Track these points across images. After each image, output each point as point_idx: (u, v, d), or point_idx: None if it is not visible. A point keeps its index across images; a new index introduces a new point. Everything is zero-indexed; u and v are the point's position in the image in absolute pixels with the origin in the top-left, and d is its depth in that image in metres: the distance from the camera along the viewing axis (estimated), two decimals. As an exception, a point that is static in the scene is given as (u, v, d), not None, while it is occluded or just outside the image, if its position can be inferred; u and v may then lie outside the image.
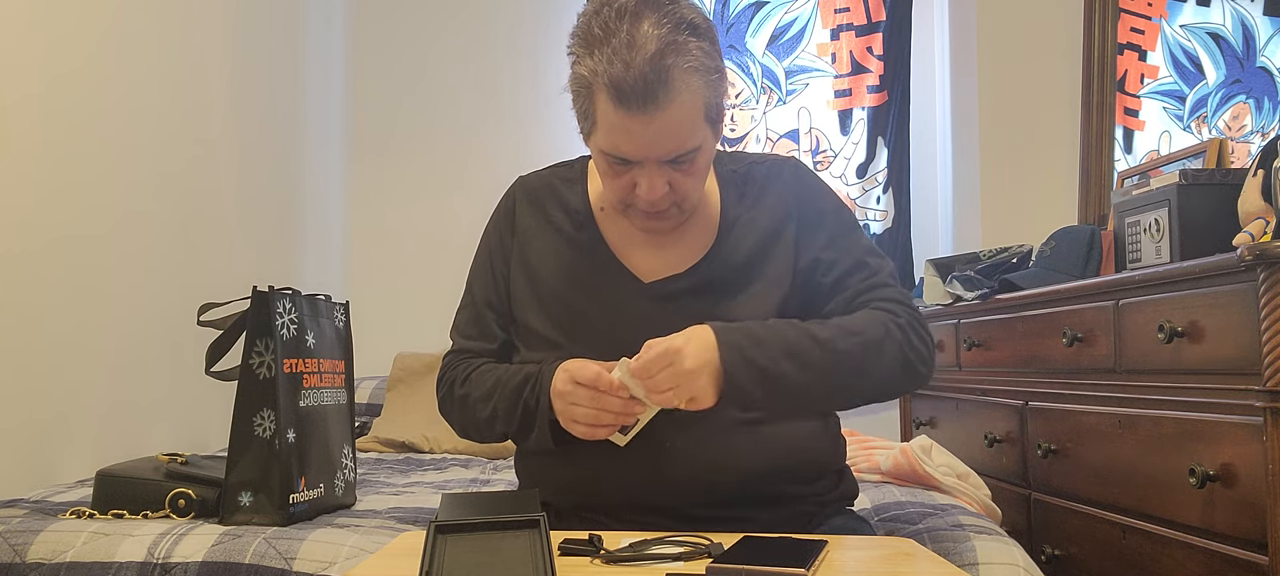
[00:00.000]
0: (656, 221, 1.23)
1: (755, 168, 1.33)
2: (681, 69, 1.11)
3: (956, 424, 2.57)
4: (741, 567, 0.89)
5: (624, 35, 1.10)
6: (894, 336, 1.20)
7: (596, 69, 1.11)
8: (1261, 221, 1.69)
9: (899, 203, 3.25)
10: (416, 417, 2.70)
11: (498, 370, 1.27)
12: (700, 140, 1.17)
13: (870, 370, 1.18)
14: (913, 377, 1.22)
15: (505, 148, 3.34)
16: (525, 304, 1.30)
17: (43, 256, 1.83)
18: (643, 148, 1.14)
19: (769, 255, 1.27)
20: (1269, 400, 1.36)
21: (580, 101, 1.17)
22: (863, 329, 1.19)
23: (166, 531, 1.30)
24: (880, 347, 1.18)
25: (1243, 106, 3.05)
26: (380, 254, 3.38)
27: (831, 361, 1.16)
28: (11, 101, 1.75)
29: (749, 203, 1.30)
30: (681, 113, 1.13)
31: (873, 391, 1.23)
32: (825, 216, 1.30)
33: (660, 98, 1.10)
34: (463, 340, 1.35)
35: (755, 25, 3.33)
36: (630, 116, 1.11)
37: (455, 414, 1.32)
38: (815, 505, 1.27)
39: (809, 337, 1.16)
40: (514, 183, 1.39)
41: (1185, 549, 1.58)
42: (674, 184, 1.19)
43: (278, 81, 2.86)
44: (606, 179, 1.21)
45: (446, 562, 0.88)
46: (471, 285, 1.37)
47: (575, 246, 1.30)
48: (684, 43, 1.11)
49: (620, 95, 1.10)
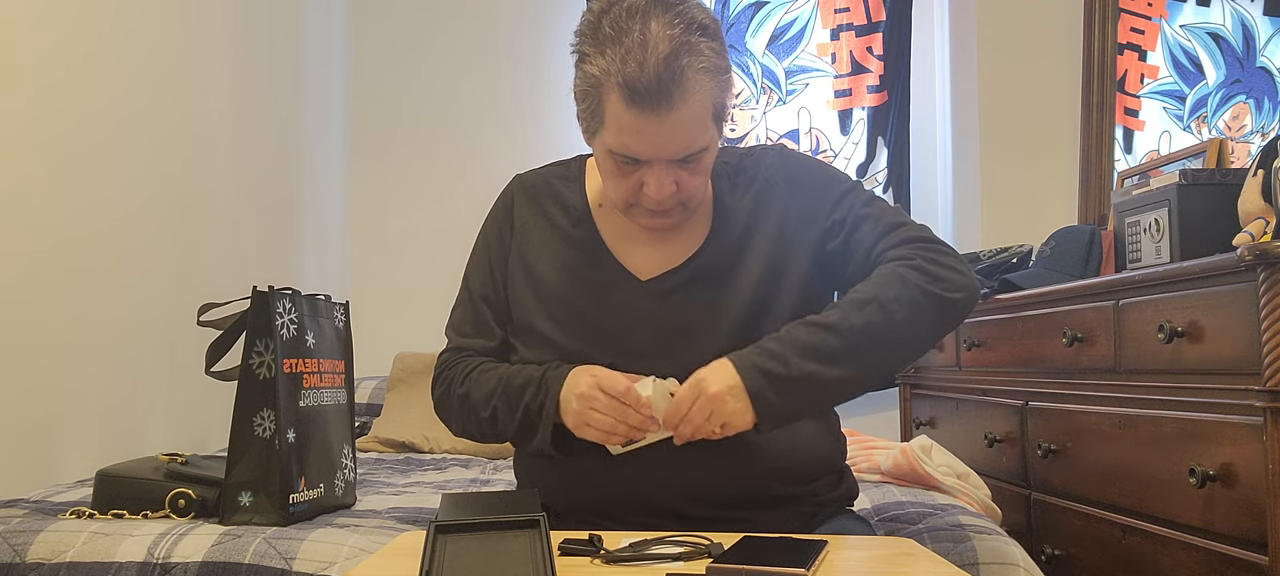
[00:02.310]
0: (661, 220, 1.23)
1: (744, 159, 1.34)
2: (695, 70, 1.11)
3: (956, 424, 2.57)
4: (741, 567, 0.89)
5: (637, 35, 1.10)
6: (911, 281, 1.16)
7: (608, 68, 1.11)
8: (1261, 221, 1.69)
9: (899, 202, 3.25)
10: (416, 417, 2.70)
11: (500, 370, 1.26)
12: (708, 140, 1.17)
13: (898, 328, 1.15)
14: (950, 310, 1.18)
15: (505, 148, 3.33)
16: (523, 300, 1.30)
17: (42, 256, 1.83)
18: (654, 148, 1.14)
19: (765, 241, 1.27)
20: (1269, 400, 1.36)
21: (588, 101, 1.16)
22: (875, 293, 1.16)
23: (166, 531, 1.30)
24: (898, 301, 1.15)
25: (1243, 106, 3.05)
26: (380, 254, 3.38)
27: (853, 340, 1.14)
28: (11, 101, 1.75)
29: (741, 193, 1.30)
30: (693, 113, 1.13)
31: (911, 344, 1.19)
32: (818, 187, 1.29)
33: (675, 98, 1.10)
34: (460, 337, 1.34)
35: (755, 25, 3.33)
36: (643, 116, 1.11)
37: (454, 413, 1.31)
38: (815, 505, 1.27)
39: (822, 329, 1.15)
40: (512, 180, 1.39)
41: (1185, 549, 1.58)
42: (681, 183, 1.19)
43: (277, 81, 2.86)
44: (613, 179, 1.21)
45: (446, 562, 0.88)
46: (469, 282, 1.36)
47: (573, 244, 1.30)
48: (696, 43, 1.12)
49: (634, 95, 1.10)
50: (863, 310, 1.15)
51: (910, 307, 1.16)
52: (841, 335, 1.14)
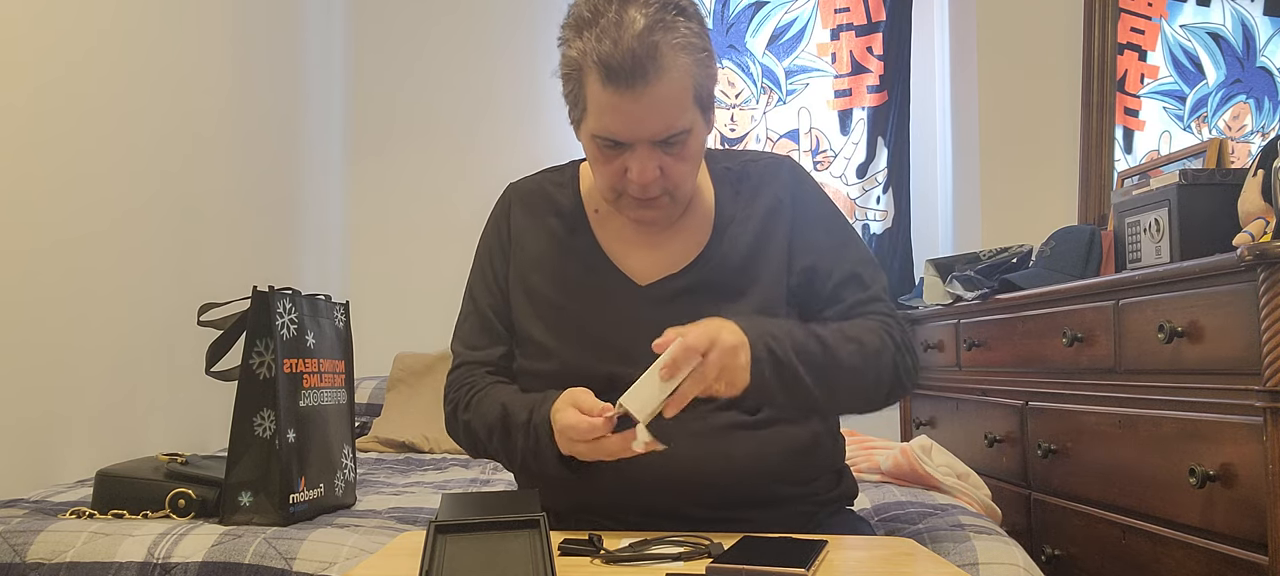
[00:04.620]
0: (648, 211, 1.22)
1: (750, 165, 1.33)
2: (670, 45, 1.12)
3: (956, 424, 2.57)
4: (741, 567, 0.89)
5: (612, 15, 1.11)
6: (888, 348, 1.21)
7: (585, 49, 1.12)
8: (1261, 221, 1.69)
9: (899, 203, 3.25)
10: (416, 418, 2.70)
11: (499, 400, 1.23)
12: (690, 122, 1.17)
13: (865, 378, 1.20)
14: (899, 390, 1.25)
15: (506, 147, 3.33)
16: (521, 310, 1.29)
17: (42, 256, 1.83)
18: (633, 127, 1.14)
19: (765, 254, 1.26)
20: (1269, 400, 1.36)
21: (570, 85, 1.18)
22: (861, 337, 1.20)
23: (166, 531, 1.30)
24: (877, 357, 1.20)
25: (1243, 106, 3.06)
26: (380, 254, 3.38)
27: (832, 365, 1.16)
28: (11, 100, 1.75)
29: (744, 200, 1.30)
30: (671, 90, 1.13)
31: (863, 399, 1.25)
32: (822, 222, 1.30)
33: (650, 73, 1.11)
34: (467, 351, 1.32)
35: (755, 25, 3.33)
36: (620, 94, 1.12)
37: (463, 439, 1.30)
38: (814, 505, 1.27)
39: (814, 338, 1.16)
40: (506, 189, 1.38)
41: (1185, 549, 1.58)
42: (665, 169, 1.18)
43: (277, 80, 2.86)
44: (598, 166, 1.21)
45: (446, 562, 0.88)
46: (473, 294, 1.35)
47: (569, 250, 1.29)
48: (672, 21, 1.12)
49: (609, 73, 1.11)
50: (849, 345, 1.18)
51: (882, 371, 1.21)
52: (828, 355, 1.16)
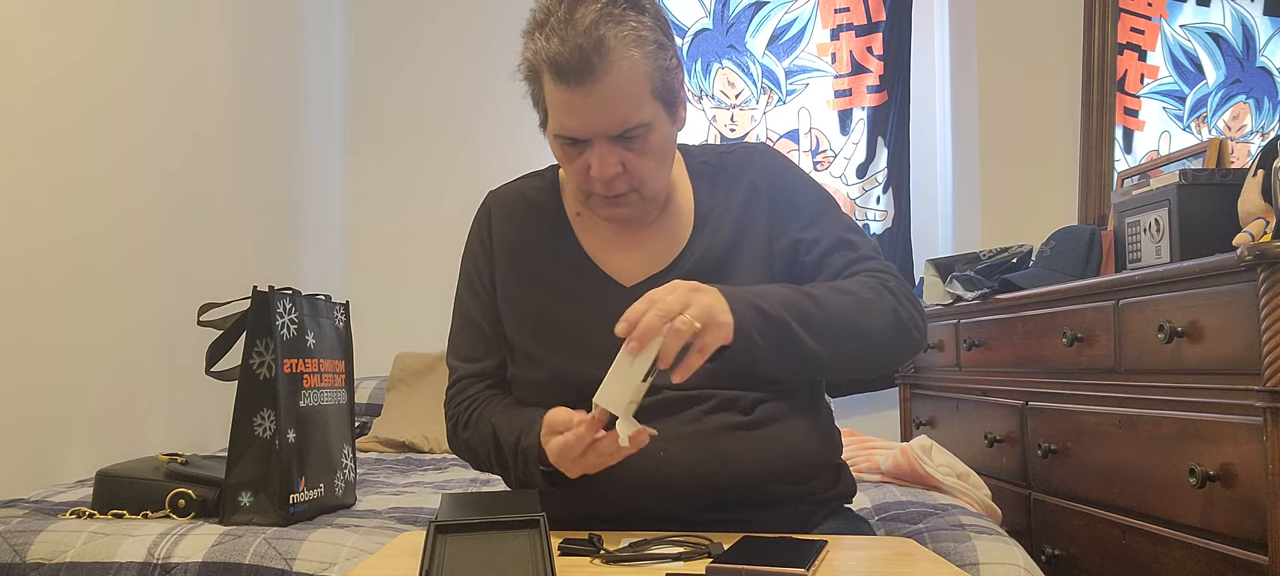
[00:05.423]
0: (616, 208, 1.22)
1: (725, 156, 1.33)
2: (618, 38, 1.11)
3: (956, 424, 2.57)
4: (741, 567, 0.89)
5: (561, 14, 1.11)
6: (886, 297, 1.19)
7: (537, 50, 1.13)
8: (1261, 221, 1.69)
9: (899, 203, 3.25)
10: (416, 418, 2.70)
11: (491, 422, 1.24)
12: (648, 116, 1.16)
13: (865, 328, 1.17)
14: (907, 340, 1.20)
15: (507, 147, 3.33)
16: (508, 319, 1.29)
17: (42, 256, 1.83)
18: (586, 122, 1.14)
19: (747, 242, 1.26)
20: (1269, 400, 1.36)
21: (531, 88, 1.19)
22: (854, 289, 1.19)
23: (166, 531, 1.30)
24: (875, 304, 1.17)
25: (1243, 106, 3.06)
26: (380, 254, 3.38)
27: (827, 317, 1.15)
28: (11, 100, 1.75)
29: (722, 192, 1.30)
30: (621, 83, 1.12)
31: (870, 352, 1.20)
32: (800, 197, 1.29)
33: (597, 67, 1.10)
34: (462, 365, 1.32)
35: (755, 25, 3.33)
36: (571, 90, 1.12)
37: (465, 456, 1.31)
38: (814, 504, 1.27)
39: (803, 294, 1.16)
40: (486, 197, 1.38)
41: (1185, 549, 1.58)
42: (627, 165, 1.18)
43: (277, 80, 2.86)
44: (564, 167, 1.22)
45: (446, 562, 0.88)
46: (463, 305, 1.34)
47: (552, 255, 1.29)
48: (621, 15, 1.12)
49: (559, 70, 1.11)
50: (842, 297, 1.17)
51: (881, 318, 1.18)
52: (821, 308, 1.15)
